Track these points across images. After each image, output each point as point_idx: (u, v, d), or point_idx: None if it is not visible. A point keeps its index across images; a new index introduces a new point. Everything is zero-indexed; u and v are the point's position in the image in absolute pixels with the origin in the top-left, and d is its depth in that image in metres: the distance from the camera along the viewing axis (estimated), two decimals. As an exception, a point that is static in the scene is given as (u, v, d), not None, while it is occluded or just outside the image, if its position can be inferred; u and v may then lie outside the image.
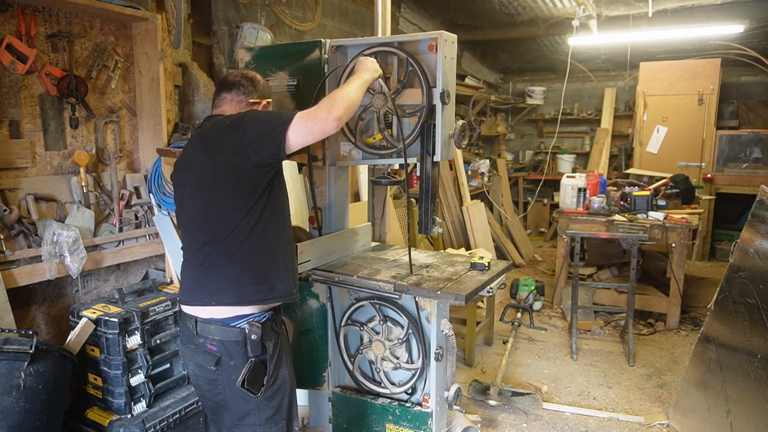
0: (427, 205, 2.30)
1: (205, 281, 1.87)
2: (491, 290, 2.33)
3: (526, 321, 4.22)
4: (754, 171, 6.54)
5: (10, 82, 2.51)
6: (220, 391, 1.89)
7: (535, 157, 8.95)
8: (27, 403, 2.10)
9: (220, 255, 1.85)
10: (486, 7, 5.78)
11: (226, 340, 1.83)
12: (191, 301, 1.90)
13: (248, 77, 2.04)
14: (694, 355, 3.05)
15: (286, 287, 1.91)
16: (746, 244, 2.72)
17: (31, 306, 2.65)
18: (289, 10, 4.19)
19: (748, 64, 6.48)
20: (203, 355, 1.87)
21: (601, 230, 4.65)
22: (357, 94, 1.92)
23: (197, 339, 1.88)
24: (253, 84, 2.03)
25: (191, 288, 1.91)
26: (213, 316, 1.85)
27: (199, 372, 1.92)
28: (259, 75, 2.10)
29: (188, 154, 1.99)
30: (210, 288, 1.86)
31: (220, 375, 1.86)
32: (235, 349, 1.83)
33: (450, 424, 2.56)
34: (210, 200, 1.86)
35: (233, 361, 1.84)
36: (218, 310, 1.85)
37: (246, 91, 2.01)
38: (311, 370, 2.59)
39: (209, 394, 1.95)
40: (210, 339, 1.85)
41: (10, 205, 2.52)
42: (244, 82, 2.02)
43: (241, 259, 1.84)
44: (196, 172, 1.90)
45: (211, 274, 1.86)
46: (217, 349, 1.84)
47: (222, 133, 1.86)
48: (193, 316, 1.89)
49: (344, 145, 2.47)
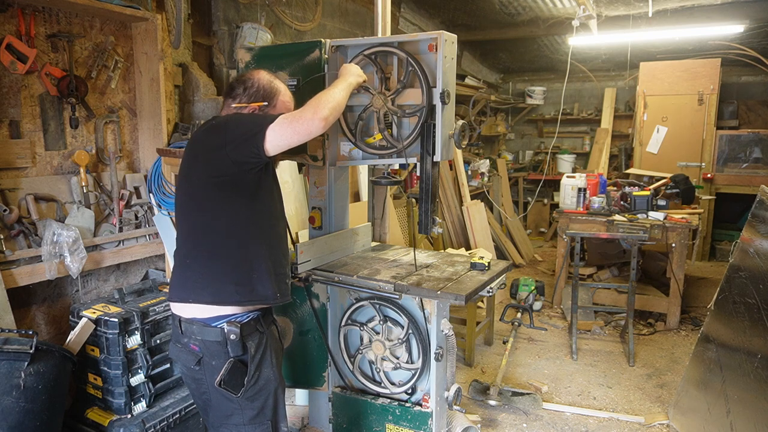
0: (427, 205, 2.29)
1: (184, 278, 1.88)
2: (491, 290, 2.33)
3: (526, 321, 4.22)
4: (754, 171, 6.54)
5: (10, 82, 2.51)
6: (205, 390, 1.91)
7: (535, 157, 8.95)
8: (27, 403, 2.10)
9: (200, 252, 1.86)
10: (486, 7, 5.78)
11: (207, 340, 1.84)
12: (172, 297, 1.91)
13: (241, 80, 2.01)
14: (694, 355, 3.05)
15: (266, 290, 1.88)
16: (746, 244, 2.72)
17: (31, 306, 2.65)
18: (289, 10, 4.19)
19: (748, 64, 6.48)
20: (187, 355, 1.88)
21: (601, 230, 4.65)
22: (342, 95, 1.95)
23: (183, 338, 1.89)
24: (244, 88, 1.99)
25: (173, 284, 1.92)
26: (195, 316, 1.85)
27: (186, 371, 1.95)
28: (259, 76, 2.02)
29: (184, 155, 2.02)
30: (188, 284, 1.86)
31: (203, 374, 1.87)
32: (216, 348, 1.84)
33: (450, 424, 2.56)
34: (192, 197, 1.89)
35: (215, 361, 1.84)
36: (199, 309, 1.84)
37: (235, 95, 1.99)
38: (311, 370, 2.59)
39: (197, 393, 1.97)
40: (193, 339, 1.86)
41: (10, 205, 2.52)
42: (236, 86, 2.00)
43: (221, 256, 1.84)
44: (183, 170, 1.93)
45: (191, 270, 1.87)
46: (198, 349, 1.85)
47: (207, 133, 1.90)
48: (178, 316, 1.90)
49: (344, 145, 2.47)
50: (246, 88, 1.98)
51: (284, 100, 2.03)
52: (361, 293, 2.40)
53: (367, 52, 2.28)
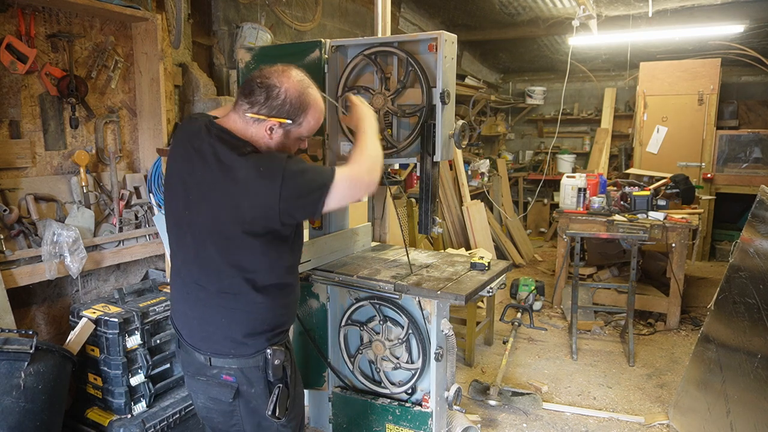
0: (427, 205, 2.29)
1: (215, 326, 1.72)
2: (491, 290, 2.33)
3: (526, 321, 4.22)
4: (754, 171, 6.54)
5: (10, 82, 2.51)
6: (236, 422, 1.76)
7: (535, 157, 8.95)
8: (27, 403, 2.10)
9: (232, 297, 1.69)
10: (486, 7, 5.78)
11: (245, 368, 1.70)
12: (205, 350, 1.73)
13: (265, 85, 1.64)
14: (694, 355, 3.05)
15: (294, 315, 1.92)
16: (746, 244, 2.72)
17: (31, 306, 2.65)
18: (289, 10, 4.19)
19: (748, 64, 6.48)
20: (219, 388, 1.72)
21: (601, 230, 4.65)
22: (380, 147, 1.89)
23: (210, 370, 1.72)
24: (267, 96, 1.64)
25: (200, 333, 1.74)
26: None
27: (212, 405, 1.77)
28: (288, 86, 1.65)
29: (195, 156, 1.68)
30: (220, 336, 1.72)
31: (238, 405, 1.73)
32: (256, 375, 1.71)
33: (450, 424, 2.56)
34: (220, 232, 1.65)
35: (254, 388, 1.71)
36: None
37: (254, 101, 1.65)
38: (311, 370, 2.59)
39: (222, 426, 1.81)
40: (226, 369, 1.70)
41: (10, 205, 2.52)
42: (257, 90, 1.65)
43: (257, 302, 1.70)
44: (209, 193, 1.65)
45: (222, 316, 1.70)
46: (234, 380, 1.70)
47: (252, 179, 1.60)
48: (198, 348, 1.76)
49: (344, 145, 2.47)
50: (269, 97, 1.64)
51: (310, 121, 1.72)
52: (361, 293, 2.40)
53: (367, 52, 2.28)
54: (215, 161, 1.64)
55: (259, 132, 1.67)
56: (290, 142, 1.74)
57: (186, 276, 1.75)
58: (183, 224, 1.72)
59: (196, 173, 1.67)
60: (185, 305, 1.78)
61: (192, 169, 1.68)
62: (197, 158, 1.67)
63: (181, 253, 1.76)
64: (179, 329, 1.82)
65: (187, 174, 1.70)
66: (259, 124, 1.66)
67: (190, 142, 1.72)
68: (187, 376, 1.84)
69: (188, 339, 1.77)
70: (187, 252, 1.73)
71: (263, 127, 1.66)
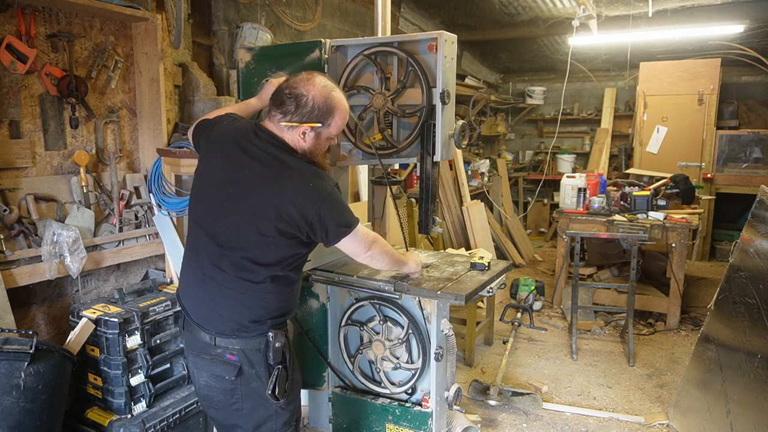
0: (427, 205, 2.30)
1: (222, 307, 1.85)
2: (491, 290, 2.33)
3: (526, 321, 4.22)
4: (754, 171, 6.54)
5: (10, 82, 2.51)
6: (236, 400, 1.87)
7: (535, 157, 8.95)
8: (27, 403, 2.10)
9: (247, 284, 1.83)
10: (486, 7, 5.78)
11: (247, 349, 1.82)
12: (211, 330, 1.87)
13: (293, 95, 1.82)
14: (694, 355, 3.05)
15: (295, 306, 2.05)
16: (746, 244, 2.72)
17: (31, 306, 2.65)
18: (289, 10, 4.19)
19: (748, 64, 6.48)
20: (222, 366, 1.84)
21: (601, 230, 4.65)
22: (393, 261, 2.09)
23: (214, 349, 1.84)
24: (296, 105, 1.81)
25: (207, 313, 1.87)
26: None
27: (214, 383, 1.88)
28: (314, 93, 1.82)
29: (243, 155, 1.83)
30: (227, 317, 1.85)
31: (239, 384, 1.84)
32: (257, 357, 1.83)
33: (450, 424, 2.56)
34: (256, 226, 1.80)
35: (254, 369, 1.83)
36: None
37: (286, 110, 1.82)
38: (311, 370, 2.59)
39: (222, 405, 1.90)
40: (230, 349, 1.82)
41: (10, 205, 2.52)
42: (287, 100, 1.82)
43: (269, 291, 1.86)
44: (256, 190, 1.80)
45: (232, 299, 1.84)
46: (237, 359, 1.82)
47: (300, 189, 1.79)
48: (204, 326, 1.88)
49: (344, 145, 2.47)
50: (299, 106, 1.80)
51: (338, 121, 1.88)
52: (361, 293, 2.40)
53: (367, 52, 2.28)
54: (272, 160, 1.81)
55: (293, 137, 1.85)
56: (322, 142, 1.91)
57: (207, 258, 1.85)
58: (218, 214, 1.83)
59: (244, 170, 1.81)
60: (197, 285, 1.88)
61: (240, 166, 1.82)
62: (247, 157, 1.82)
63: (207, 238, 1.85)
64: (186, 307, 1.92)
65: (232, 169, 1.83)
66: (293, 130, 1.84)
67: (237, 141, 1.86)
68: (191, 355, 1.93)
69: (194, 317, 1.88)
70: (215, 237, 1.83)
71: (297, 133, 1.84)
